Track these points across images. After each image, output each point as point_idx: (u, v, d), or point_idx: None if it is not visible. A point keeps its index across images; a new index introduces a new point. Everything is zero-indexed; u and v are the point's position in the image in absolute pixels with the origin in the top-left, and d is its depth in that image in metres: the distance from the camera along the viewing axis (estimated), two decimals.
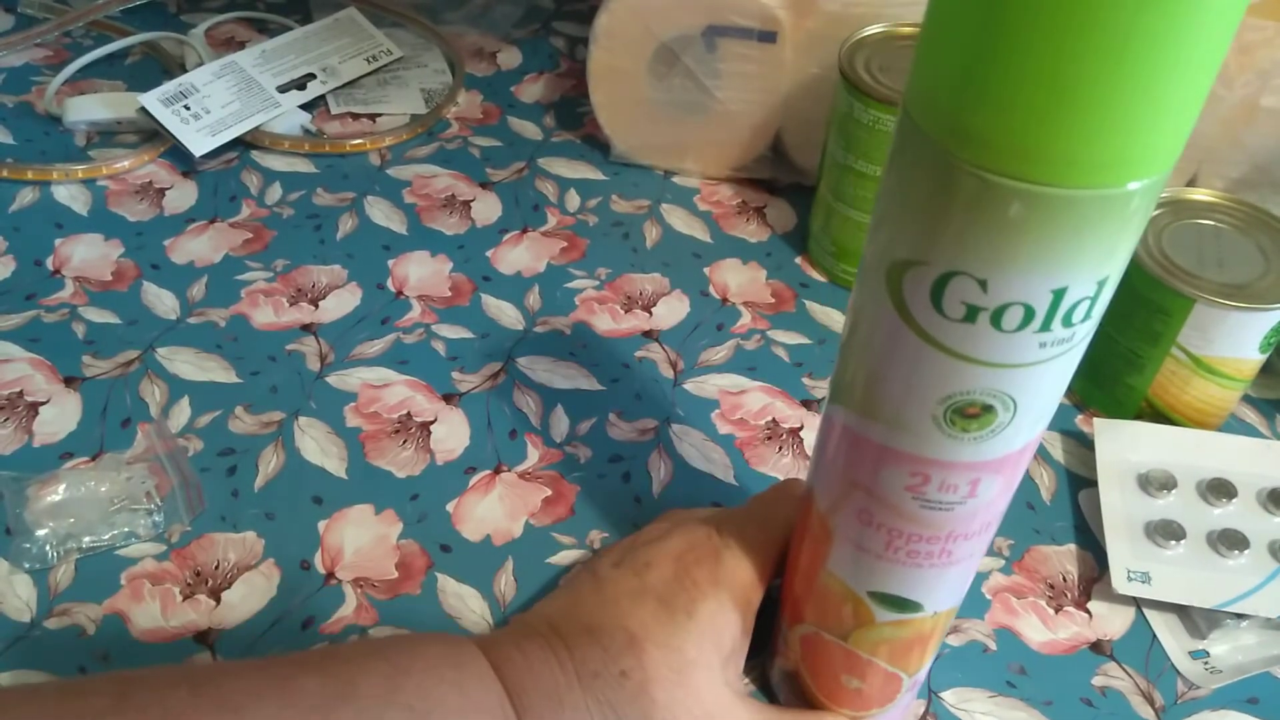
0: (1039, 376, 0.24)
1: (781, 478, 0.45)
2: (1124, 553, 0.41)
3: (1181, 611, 0.40)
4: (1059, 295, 0.22)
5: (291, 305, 0.51)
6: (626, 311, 0.52)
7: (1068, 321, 0.22)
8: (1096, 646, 0.39)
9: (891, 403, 0.25)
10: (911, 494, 0.26)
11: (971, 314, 0.22)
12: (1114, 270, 0.22)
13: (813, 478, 0.30)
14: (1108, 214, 0.20)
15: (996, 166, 0.20)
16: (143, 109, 0.58)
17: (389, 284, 0.53)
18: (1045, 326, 0.22)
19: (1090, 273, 0.21)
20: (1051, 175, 0.20)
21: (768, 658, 0.37)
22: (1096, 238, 0.21)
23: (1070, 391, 0.49)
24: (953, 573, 0.29)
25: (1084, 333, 0.23)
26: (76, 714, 0.25)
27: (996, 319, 0.22)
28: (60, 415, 0.45)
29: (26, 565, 0.39)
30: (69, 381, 0.47)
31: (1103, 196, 0.20)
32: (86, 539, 0.40)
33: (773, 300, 0.53)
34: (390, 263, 0.54)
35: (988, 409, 0.24)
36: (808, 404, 0.48)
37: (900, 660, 0.32)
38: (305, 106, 0.63)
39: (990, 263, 0.21)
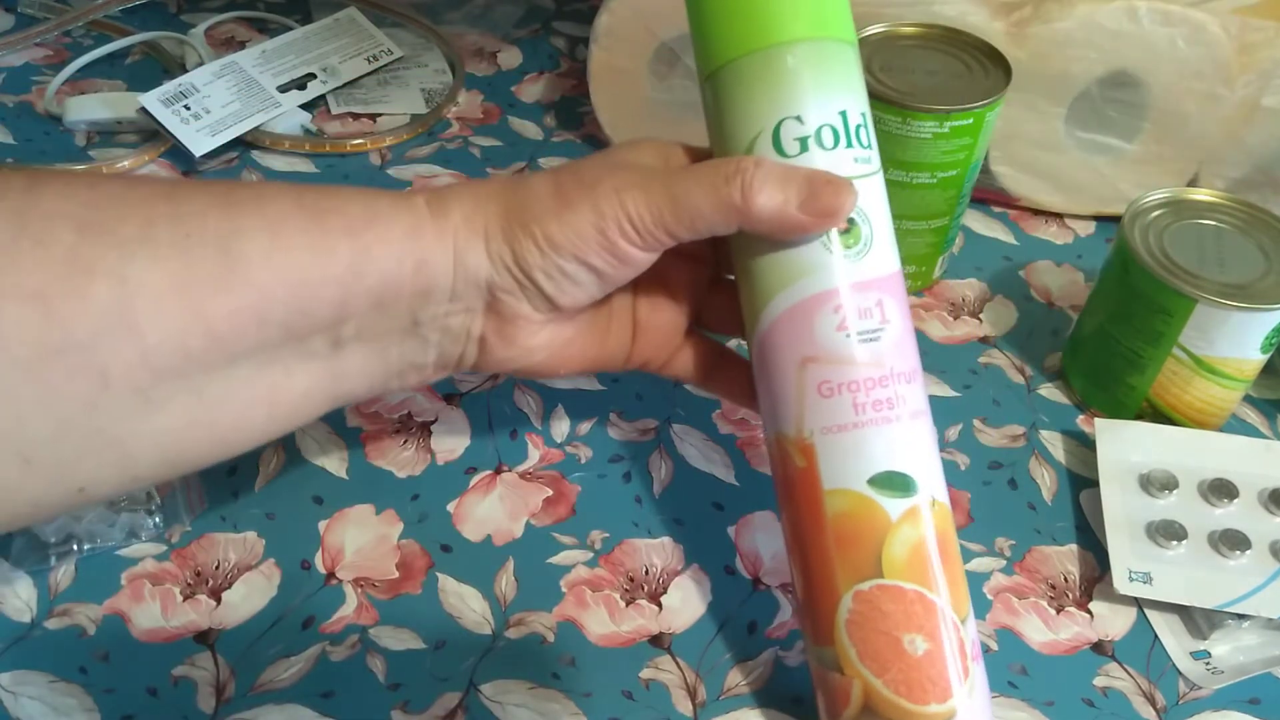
0: (870, 192, 0.32)
1: None
2: (1125, 553, 0.41)
3: (1183, 612, 0.40)
4: (844, 116, 0.32)
5: None
6: None
7: (860, 140, 0.32)
8: (1098, 647, 0.39)
9: (784, 261, 0.32)
10: (843, 332, 0.32)
11: (803, 144, 0.32)
12: (850, 105, 0.32)
13: (773, 419, 0.34)
14: (776, 65, 0.32)
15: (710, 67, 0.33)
16: (143, 109, 0.58)
17: None
18: (850, 143, 0.32)
19: (833, 103, 0.32)
20: (727, 54, 0.32)
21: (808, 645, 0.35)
22: (808, 78, 0.32)
23: (1071, 391, 0.49)
24: (917, 431, 0.32)
25: (878, 160, 0.33)
26: (180, 206, 0.28)
27: (819, 140, 0.32)
28: None
29: (26, 565, 0.39)
30: None
31: (763, 55, 0.32)
32: (86, 539, 0.40)
33: None
34: None
35: (852, 223, 0.32)
36: None
37: (926, 578, 0.32)
38: (305, 106, 0.63)
39: (789, 105, 0.32)
